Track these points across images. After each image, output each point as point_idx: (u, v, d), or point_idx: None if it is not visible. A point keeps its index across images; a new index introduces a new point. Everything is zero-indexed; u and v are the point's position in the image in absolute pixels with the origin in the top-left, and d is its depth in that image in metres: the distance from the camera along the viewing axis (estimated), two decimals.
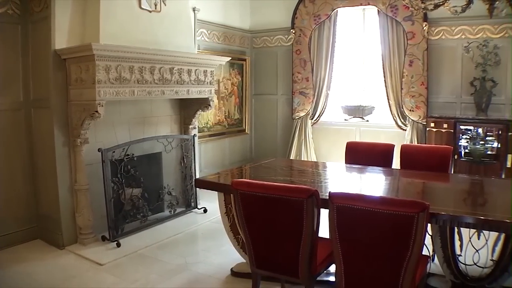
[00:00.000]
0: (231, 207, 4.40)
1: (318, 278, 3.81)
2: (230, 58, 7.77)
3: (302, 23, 8.91)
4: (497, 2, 4.28)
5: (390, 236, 2.92)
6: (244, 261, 4.60)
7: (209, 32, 8.36)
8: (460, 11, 4.52)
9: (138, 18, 5.80)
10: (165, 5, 6.14)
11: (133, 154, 5.96)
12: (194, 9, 7.27)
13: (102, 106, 5.09)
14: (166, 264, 5.07)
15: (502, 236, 4.03)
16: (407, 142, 7.98)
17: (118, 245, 5.48)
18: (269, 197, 3.32)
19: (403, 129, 8.26)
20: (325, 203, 3.16)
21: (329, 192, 3.08)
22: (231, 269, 4.83)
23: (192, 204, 7.00)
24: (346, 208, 3.00)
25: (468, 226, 3.34)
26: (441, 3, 4.53)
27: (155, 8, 6.01)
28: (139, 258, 5.22)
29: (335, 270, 3.22)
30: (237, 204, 3.51)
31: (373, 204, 2.93)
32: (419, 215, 2.77)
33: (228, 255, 5.16)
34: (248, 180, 3.77)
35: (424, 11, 4.75)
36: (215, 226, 6.14)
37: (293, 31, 9.00)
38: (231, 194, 3.76)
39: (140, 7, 5.83)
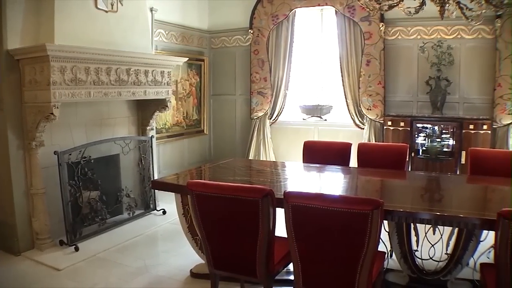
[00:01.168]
0: (189, 208, 4.37)
1: (279, 277, 3.85)
2: (188, 58, 7.74)
3: (260, 24, 8.92)
4: (447, 5, 4.38)
5: (345, 233, 2.95)
6: (203, 262, 4.57)
7: (167, 32, 8.29)
8: (414, 12, 4.60)
9: (94, 18, 5.71)
10: (122, 5, 6.06)
11: (90, 156, 5.85)
12: (151, 10, 7.20)
13: (57, 108, 4.99)
14: (126, 267, 5.01)
15: (456, 230, 4.15)
16: (365, 140, 8.11)
17: (77, 249, 5.38)
18: (225, 197, 3.33)
19: (361, 128, 8.37)
20: (281, 203, 3.18)
21: (284, 191, 3.11)
22: (191, 271, 4.81)
23: (151, 206, 6.93)
24: (301, 207, 3.02)
25: (424, 222, 3.45)
26: (395, 4, 4.60)
27: (112, 8, 5.93)
28: (98, 262, 5.14)
29: (293, 269, 3.25)
30: (193, 205, 3.50)
31: (328, 203, 2.97)
32: (373, 213, 2.81)
33: (187, 256, 5.12)
34: (203, 181, 3.80)
35: (379, 12, 4.82)
36: (174, 228, 6.09)
37: (251, 32, 9.00)
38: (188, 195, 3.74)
39: (96, 7, 5.73)
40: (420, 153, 7.54)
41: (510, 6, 4.45)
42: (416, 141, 7.56)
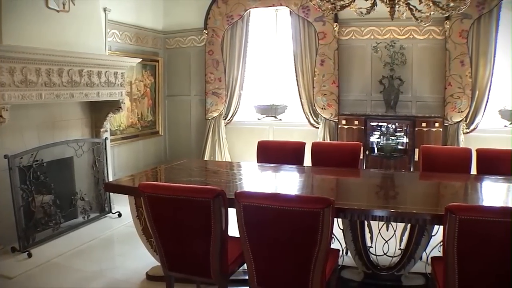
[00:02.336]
0: (142, 210, 4.30)
1: (235, 277, 3.85)
2: (141, 59, 7.69)
3: (215, 24, 8.89)
4: (397, 6, 4.47)
5: (297, 232, 2.99)
6: (159, 264, 4.53)
7: (121, 33, 8.17)
8: (365, 12, 4.67)
9: (45, 18, 5.58)
10: (74, 4, 5.95)
11: (42, 159, 5.72)
12: (105, 9, 7.09)
13: (6, 110, 4.86)
14: (81, 272, 4.92)
15: (408, 226, 4.25)
16: (319, 139, 8.21)
17: (30, 255, 5.23)
18: (177, 198, 3.32)
19: (316, 127, 8.46)
20: (233, 203, 3.18)
21: (235, 191, 3.13)
22: (146, 273, 4.77)
23: (106, 208, 6.83)
24: (252, 206, 3.05)
25: (378, 219, 3.51)
26: (347, 5, 4.66)
27: (63, 8, 5.81)
28: (53, 268, 5.02)
29: (247, 268, 3.27)
30: (145, 207, 3.47)
31: (279, 202, 3.00)
32: (324, 211, 2.86)
33: (143, 259, 5.04)
34: (154, 182, 3.82)
35: (332, 12, 4.88)
36: (130, 230, 5.98)
37: (206, 32, 8.95)
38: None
39: (48, 6, 5.60)
40: (375, 151, 7.67)
41: (455, 9, 4.56)
42: (371, 140, 7.69)
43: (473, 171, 5.30)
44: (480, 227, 2.77)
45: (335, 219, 4.00)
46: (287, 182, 5.00)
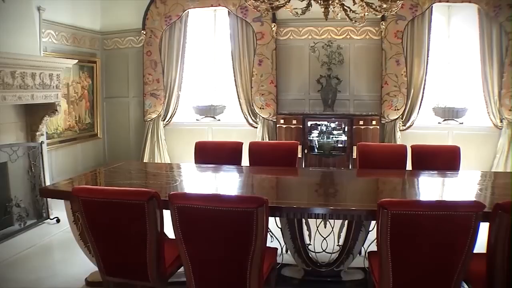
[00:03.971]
0: (79, 214, 4.23)
1: (176, 279, 3.82)
2: (78, 60, 7.55)
3: (153, 24, 8.79)
4: (332, 7, 4.56)
5: (232, 232, 3.02)
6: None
7: (57, 33, 7.96)
8: (301, 12, 4.73)
9: None
10: (4, 1, 5.74)
11: None
12: (39, 9, 6.85)
13: None
14: (16, 282, 4.76)
15: (346, 222, 4.32)
16: (258, 139, 8.28)
17: None
18: (111, 202, 3.28)
19: (254, 127, 8.53)
20: (167, 205, 3.16)
21: (168, 193, 3.13)
22: (86, 279, 4.68)
23: (44, 214, 6.64)
24: (186, 208, 3.05)
25: (314, 216, 3.64)
26: (281, 5, 4.71)
27: None
28: None
29: (184, 270, 3.26)
30: (80, 212, 3.42)
31: (212, 203, 3.03)
32: (258, 210, 2.89)
33: (83, 265, 4.91)
34: (88, 186, 3.78)
35: (267, 13, 4.94)
36: (69, 236, 5.80)
37: (144, 32, 8.83)
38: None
39: None
40: (315, 149, 7.78)
41: (388, 10, 4.69)
42: (310, 138, 7.79)
43: (409, 166, 5.47)
44: (411, 221, 2.89)
45: (275, 217, 4.09)
46: (227, 182, 5.01)
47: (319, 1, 4.51)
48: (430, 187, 4.82)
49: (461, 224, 2.89)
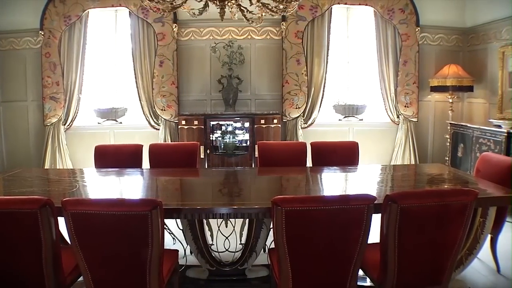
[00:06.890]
0: None
1: None
2: None
3: (51, 24, 8.47)
4: (229, 7, 4.57)
5: (128, 236, 2.98)
6: None
7: None
8: (198, 13, 4.72)
9: None
10: None
11: None
12: None
13: None
14: None
15: (247, 221, 4.40)
16: (160, 141, 8.26)
17: None
18: (0, 212, 3.08)
19: (156, 129, 8.48)
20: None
21: (61, 199, 3.00)
22: None
23: None
24: (79, 214, 2.95)
25: (213, 216, 3.72)
26: (178, 6, 4.67)
27: None
28: None
29: (83, 278, 3.17)
30: None
31: (106, 207, 2.95)
32: (152, 213, 2.87)
33: None
34: None
35: (163, 13, 4.91)
36: None
37: (42, 33, 8.50)
38: None
39: None
40: (219, 149, 7.80)
41: (284, 11, 4.77)
42: (213, 138, 7.78)
43: (309, 163, 5.60)
44: (305, 217, 2.97)
45: (176, 220, 4.02)
46: (130, 186, 4.93)
47: (215, 2, 4.52)
48: (333, 183, 4.96)
49: (354, 217, 3.01)
